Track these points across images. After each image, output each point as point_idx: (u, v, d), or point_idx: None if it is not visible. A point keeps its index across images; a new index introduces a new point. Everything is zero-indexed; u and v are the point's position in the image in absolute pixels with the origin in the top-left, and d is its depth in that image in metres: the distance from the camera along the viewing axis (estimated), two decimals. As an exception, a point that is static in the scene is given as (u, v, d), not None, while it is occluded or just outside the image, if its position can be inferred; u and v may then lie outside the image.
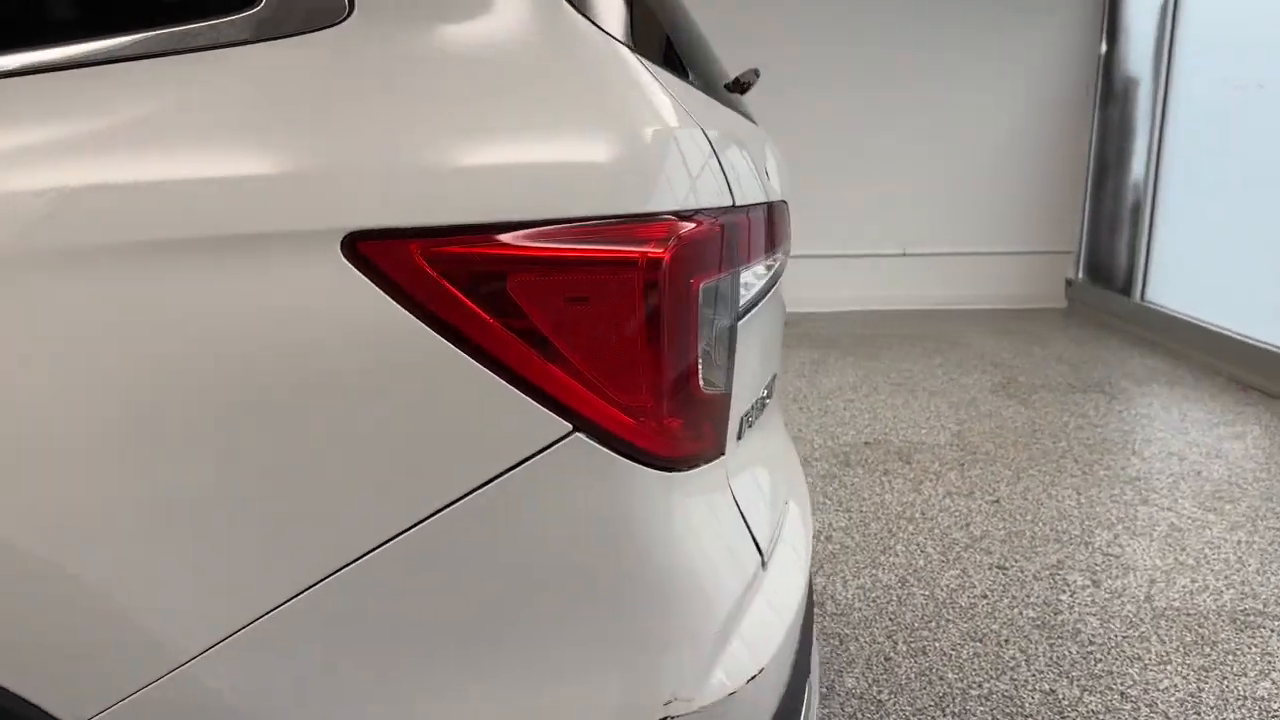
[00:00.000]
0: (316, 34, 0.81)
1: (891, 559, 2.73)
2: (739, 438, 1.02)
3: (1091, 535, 2.88)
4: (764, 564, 1.00)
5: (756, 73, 1.33)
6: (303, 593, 0.79)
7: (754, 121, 1.31)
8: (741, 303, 0.98)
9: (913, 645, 2.27)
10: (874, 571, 2.66)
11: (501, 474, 0.80)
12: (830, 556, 2.74)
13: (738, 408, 1.00)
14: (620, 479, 0.83)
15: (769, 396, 1.15)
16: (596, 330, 0.81)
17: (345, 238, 0.76)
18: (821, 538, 2.87)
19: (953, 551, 2.78)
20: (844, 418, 4.06)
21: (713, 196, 0.89)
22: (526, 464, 0.80)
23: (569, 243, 0.79)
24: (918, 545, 2.82)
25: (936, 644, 2.28)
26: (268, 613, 0.79)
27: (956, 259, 6.57)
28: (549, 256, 0.79)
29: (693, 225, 0.84)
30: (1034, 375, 4.76)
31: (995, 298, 6.61)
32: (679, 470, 0.88)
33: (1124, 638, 2.29)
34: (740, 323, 0.97)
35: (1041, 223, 6.57)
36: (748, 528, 0.99)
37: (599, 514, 0.83)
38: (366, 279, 0.76)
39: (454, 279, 0.77)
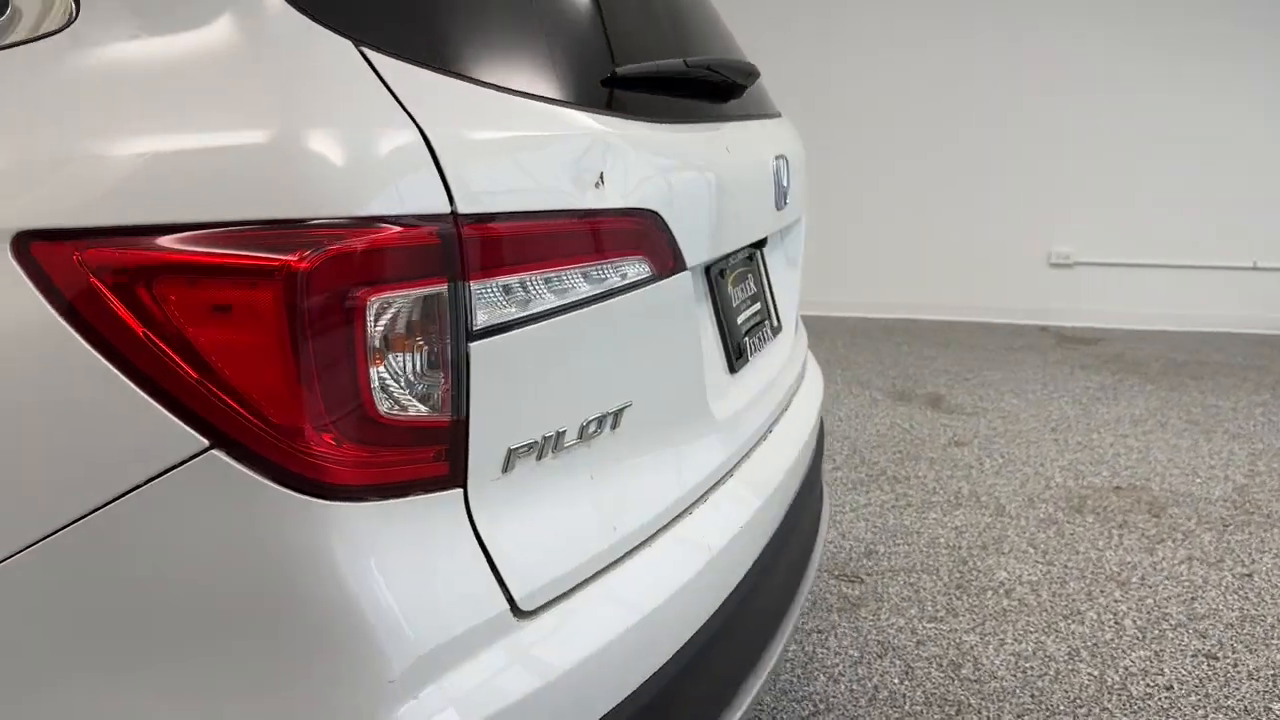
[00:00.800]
0: (45, 40, 0.84)
1: (1073, 626, 2.33)
2: (507, 469, 0.91)
3: (1359, 635, 2.26)
4: (517, 610, 0.90)
5: (704, 65, 1.18)
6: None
7: (673, 120, 1.16)
8: (501, 318, 0.88)
9: (1043, 732, 1.92)
10: (1043, 638, 2.28)
11: (134, 489, 0.78)
12: (999, 614, 2.39)
13: (501, 437, 0.90)
14: (269, 504, 0.78)
15: (604, 428, 1.02)
16: (241, 342, 0.77)
17: (15, 238, 0.78)
18: (1000, 591, 2.52)
19: (1157, 629, 2.31)
20: (1104, 455, 3.53)
21: (417, 202, 0.81)
22: (160, 479, 0.78)
23: (216, 248, 0.76)
24: (1115, 615, 2.38)
25: (1074, 736, 1.91)
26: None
27: (1326, 276, 5.45)
28: (193, 262, 0.77)
29: (362, 233, 0.77)
30: (1387, 425, 3.83)
31: (1376, 326, 5.40)
32: (364, 500, 0.82)
33: (1332, 774, 1.78)
34: (494, 342, 0.87)
35: None
36: (493, 569, 0.89)
37: (242, 539, 0.79)
38: (29, 281, 0.78)
39: (107, 282, 0.77)
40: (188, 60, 0.82)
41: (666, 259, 1.07)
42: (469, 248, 0.84)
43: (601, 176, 0.97)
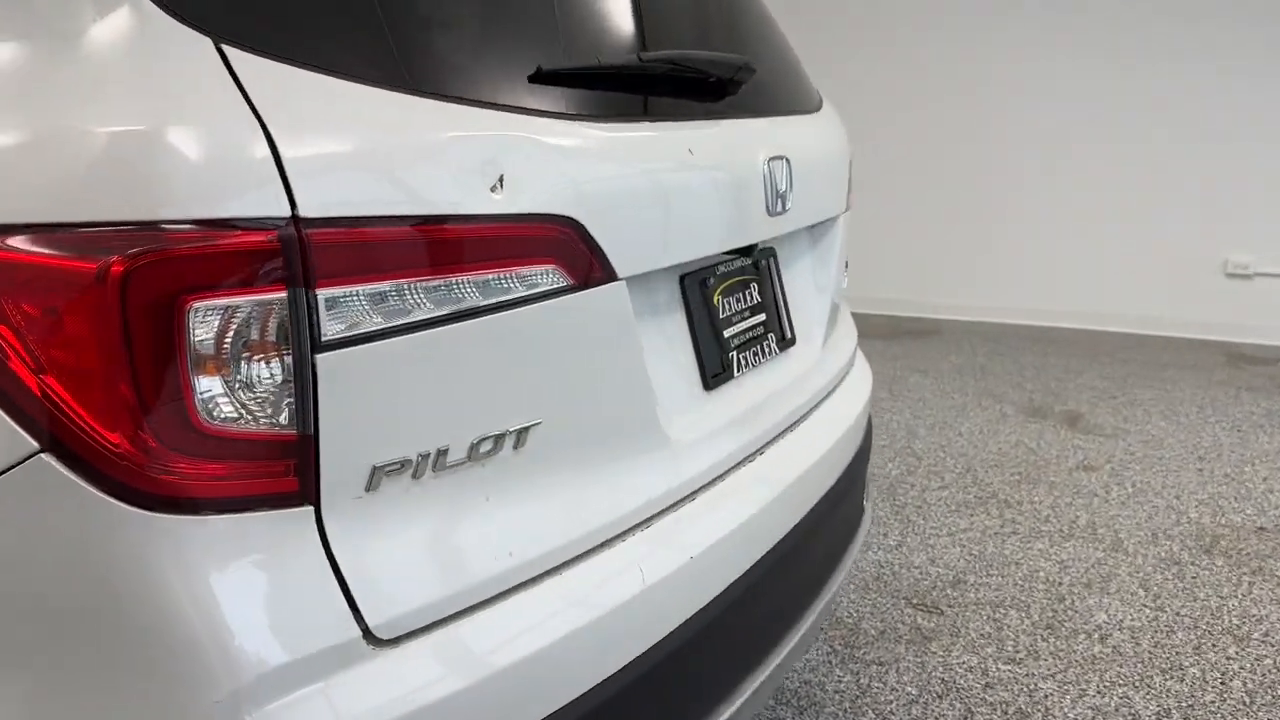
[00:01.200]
0: None
1: (1169, 683, 2.09)
2: (371, 488, 0.86)
3: None
4: (373, 638, 0.85)
5: (667, 60, 1.09)
6: None
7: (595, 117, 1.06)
8: (364, 328, 0.83)
9: (1104, 801, 1.72)
10: (1131, 692, 2.05)
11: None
12: (1087, 661, 2.17)
13: (363, 453, 0.85)
14: (96, 513, 0.76)
15: (503, 447, 0.95)
16: (67, 345, 0.76)
17: None
18: (1095, 635, 2.29)
19: (1270, 695, 2.04)
20: (1252, 491, 3.16)
21: (254, 206, 0.77)
22: (-3, 481, 0.77)
23: (53, 250, 0.76)
24: (1223, 674, 2.12)
25: (1141, 810, 1.70)
26: None
27: None
28: (31, 263, 0.76)
29: (189, 236, 0.75)
30: None
31: None
32: (198, 513, 0.79)
33: None
34: (352, 353, 0.82)
35: None
36: (345, 593, 0.84)
37: (71, 547, 0.78)
38: None
39: None
40: (45, 58, 0.82)
41: (589, 268, 0.99)
42: (315, 254, 0.79)
43: (501, 180, 0.91)
